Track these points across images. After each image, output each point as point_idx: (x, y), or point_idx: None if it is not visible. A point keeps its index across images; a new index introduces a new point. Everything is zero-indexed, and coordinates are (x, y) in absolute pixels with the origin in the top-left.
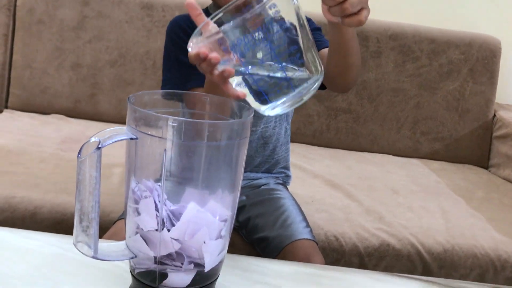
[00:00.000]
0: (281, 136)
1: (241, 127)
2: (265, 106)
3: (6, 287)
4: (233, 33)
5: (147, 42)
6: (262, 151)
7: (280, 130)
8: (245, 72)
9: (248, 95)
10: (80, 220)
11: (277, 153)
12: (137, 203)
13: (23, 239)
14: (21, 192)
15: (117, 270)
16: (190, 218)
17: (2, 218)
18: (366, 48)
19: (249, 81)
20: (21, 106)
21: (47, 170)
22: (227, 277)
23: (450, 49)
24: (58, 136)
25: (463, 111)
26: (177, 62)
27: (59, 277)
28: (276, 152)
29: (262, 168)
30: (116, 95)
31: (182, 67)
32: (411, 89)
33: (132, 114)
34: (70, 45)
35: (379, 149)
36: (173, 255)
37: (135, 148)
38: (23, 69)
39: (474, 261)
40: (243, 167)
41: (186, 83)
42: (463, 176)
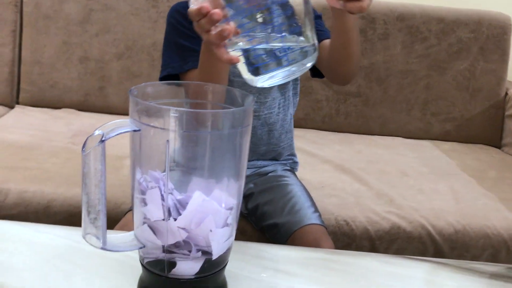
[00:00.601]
0: (286, 123)
1: (243, 115)
2: (257, 77)
3: (18, 280)
4: None
5: (153, 33)
6: (267, 138)
7: (285, 116)
8: (243, 38)
9: (241, 63)
10: (88, 213)
11: (282, 140)
12: (143, 193)
13: (34, 233)
14: (33, 187)
15: (128, 260)
16: (195, 207)
17: (16, 212)
18: (374, 30)
19: (244, 48)
20: (31, 101)
21: (59, 164)
22: (236, 264)
23: (459, 28)
24: (69, 130)
25: (474, 91)
26: (175, 46)
27: (70, 268)
28: (282, 140)
29: (268, 156)
30: (125, 87)
31: (180, 50)
32: (420, 70)
33: (135, 106)
34: (77, 39)
35: (390, 132)
36: (180, 243)
37: (139, 140)
38: (32, 64)
39: (486, 242)
40: (247, 155)
41: (184, 65)
42: (475, 156)
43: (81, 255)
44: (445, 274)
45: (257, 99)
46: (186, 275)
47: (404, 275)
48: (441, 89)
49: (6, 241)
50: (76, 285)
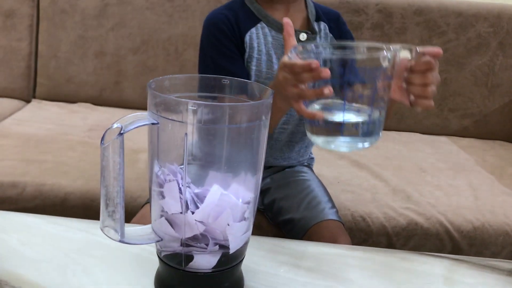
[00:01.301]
0: (309, 140)
1: (261, 108)
2: (321, 138)
3: (37, 271)
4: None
5: (168, 28)
6: (287, 150)
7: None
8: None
9: (325, 122)
10: (106, 206)
11: (301, 155)
12: (161, 186)
13: (52, 225)
14: (51, 180)
15: (145, 253)
16: (213, 201)
17: (33, 205)
18: (391, 24)
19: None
20: (48, 95)
21: (76, 158)
22: (253, 258)
23: (478, 22)
24: (85, 124)
25: (492, 86)
26: (213, 64)
27: (88, 261)
28: (301, 154)
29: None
30: (140, 82)
31: (218, 70)
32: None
33: (153, 100)
34: (93, 34)
35: (406, 127)
36: (198, 237)
37: (157, 133)
38: (48, 59)
39: (505, 239)
40: (265, 149)
41: None
42: (493, 152)
43: (99, 248)
44: (463, 271)
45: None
46: (203, 269)
47: (422, 272)
48: (459, 85)
49: (24, 233)
50: (94, 278)
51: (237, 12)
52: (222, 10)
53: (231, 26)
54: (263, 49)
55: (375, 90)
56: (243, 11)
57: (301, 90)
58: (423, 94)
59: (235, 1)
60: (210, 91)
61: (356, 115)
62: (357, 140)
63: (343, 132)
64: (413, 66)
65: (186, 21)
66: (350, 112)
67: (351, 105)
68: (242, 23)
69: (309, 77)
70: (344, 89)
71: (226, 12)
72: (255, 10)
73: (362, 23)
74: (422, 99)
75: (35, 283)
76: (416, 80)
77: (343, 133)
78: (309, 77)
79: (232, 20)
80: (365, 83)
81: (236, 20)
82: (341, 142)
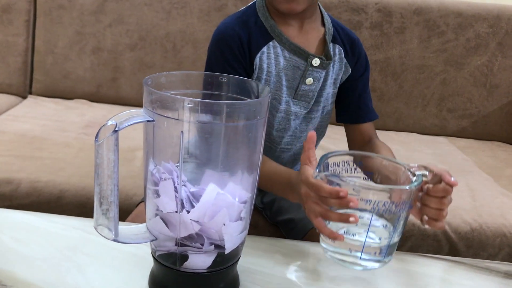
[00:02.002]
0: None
1: (259, 107)
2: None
3: (32, 269)
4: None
5: (166, 24)
6: (290, 166)
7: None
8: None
9: (345, 243)
10: (100, 204)
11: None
12: (156, 185)
13: (47, 223)
14: (46, 177)
15: (140, 252)
16: (209, 200)
17: (28, 202)
18: (390, 24)
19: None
20: (44, 91)
21: (71, 155)
22: (249, 258)
23: (478, 23)
24: (82, 121)
25: (491, 87)
26: None
27: (82, 259)
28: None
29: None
30: (137, 78)
31: None
32: (436, 65)
33: (149, 96)
34: (90, 30)
35: (405, 127)
36: (193, 236)
37: (152, 131)
38: (45, 54)
39: (503, 240)
40: (262, 148)
41: None
42: (491, 153)
43: (93, 247)
44: (461, 272)
45: (292, 132)
46: (198, 269)
47: (419, 273)
48: (457, 85)
49: (19, 231)
50: (88, 276)
51: (251, 29)
52: (234, 26)
53: (241, 46)
54: (273, 71)
55: (398, 219)
56: (256, 27)
57: (326, 211)
58: (437, 217)
59: (249, 14)
60: (207, 88)
61: (377, 238)
62: (373, 260)
63: (361, 254)
64: (430, 190)
65: (184, 18)
66: (372, 235)
67: (374, 228)
68: (254, 42)
69: (336, 203)
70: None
71: (238, 29)
72: (269, 27)
73: (361, 22)
74: (435, 221)
75: (28, 282)
76: (432, 204)
77: (361, 255)
78: (336, 203)
79: (244, 39)
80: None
81: (249, 39)
82: (357, 261)
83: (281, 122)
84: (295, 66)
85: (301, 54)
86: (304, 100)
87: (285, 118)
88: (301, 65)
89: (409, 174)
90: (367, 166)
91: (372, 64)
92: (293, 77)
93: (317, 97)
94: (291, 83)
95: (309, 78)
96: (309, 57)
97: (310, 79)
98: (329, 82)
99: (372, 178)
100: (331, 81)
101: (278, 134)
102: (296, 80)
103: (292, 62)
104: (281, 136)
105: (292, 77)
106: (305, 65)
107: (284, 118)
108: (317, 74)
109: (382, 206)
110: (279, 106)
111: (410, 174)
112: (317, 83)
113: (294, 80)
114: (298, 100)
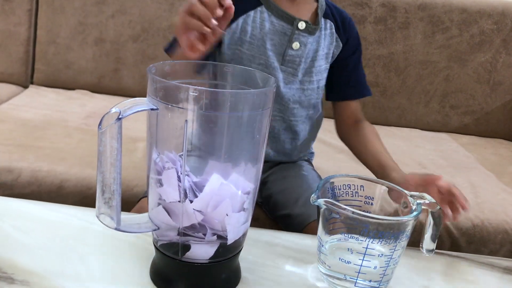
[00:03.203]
0: (313, 135)
1: (264, 97)
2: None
3: (32, 257)
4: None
5: (169, 16)
6: (289, 145)
7: (312, 129)
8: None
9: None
10: (102, 192)
11: (303, 151)
12: (159, 174)
13: (49, 212)
14: (47, 166)
15: (141, 242)
16: (213, 190)
17: (29, 191)
18: (394, 19)
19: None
20: (46, 81)
21: (72, 145)
22: (251, 250)
23: (482, 19)
24: (83, 112)
25: (495, 84)
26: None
27: (83, 249)
28: (303, 150)
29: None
30: (139, 70)
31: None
32: (440, 61)
33: (153, 85)
34: (93, 20)
35: (407, 123)
36: (195, 226)
37: (156, 120)
38: (47, 44)
39: (504, 237)
40: (266, 139)
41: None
42: (493, 150)
43: (95, 236)
44: (463, 268)
45: (284, 103)
46: (200, 259)
47: (422, 267)
48: (461, 81)
49: (20, 219)
50: (90, 266)
51: None
52: None
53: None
54: (257, 34)
55: (394, 249)
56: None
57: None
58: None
59: None
60: (211, 78)
61: (373, 266)
62: (368, 287)
63: (356, 280)
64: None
65: None
66: (367, 263)
67: (369, 256)
68: (241, 5)
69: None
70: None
71: None
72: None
73: (365, 17)
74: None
75: (29, 270)
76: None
77: (356, 281)
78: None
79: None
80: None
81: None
82: (352, 286)
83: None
84: (282, 32)
85: (288, 19)
86: (291, 66)
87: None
88: (287, 30)
89: (409, 202)
90: (368, 191)
91: (375, 59)
92: (280, 43)
93: (309, 67)
94: (278, 48)
95: (296, 42)
96: (295, 20)
97: (296, 43)
98: (320, 54)
99: (372, 203)
100: (322, 54)
101: None
102: (283, 45)
103: (279, 27)
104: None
105: (279, 43)
106: (291, 29)
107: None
108: (303, 38)
109: (379, 235)
110: (266, 71)
111: (410, 202)
112: (303, 49)
113: (281, 46)
114: (285, 66)
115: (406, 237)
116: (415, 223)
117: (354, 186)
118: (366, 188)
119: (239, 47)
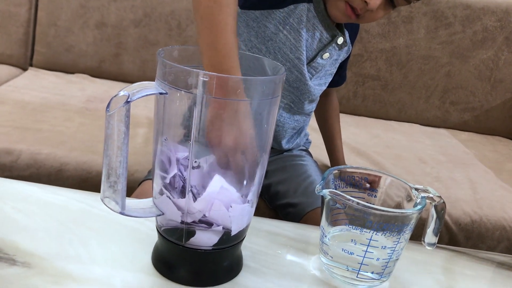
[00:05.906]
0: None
1: (274, 84)
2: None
3: (33, 239)
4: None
5: (172, 1)
6: (290, 137)
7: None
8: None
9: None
10: (108, 175)
11: (301, 139)
12: (164, 164)
13: (50, 195)
14: (46, 149)
15: (143, 227)
16: (213, 194)
17: (28, 173)
18: (398, 13)
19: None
20: (45, 64)
21: (72, 128)
22: (253, 238)
23: (486, 16)
24: (83, 96)
25: (495, 81)
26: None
27: (85, 232)
28: (301, 138)
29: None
30: (140, 55)
31: None
32: (442, 57)
33: (162, 69)
34: (94, 3)
35: (407, 118)
36: (200, 220)
37: (163, 104)
38: (48, 26)
39: (502, 233)
40: (274, 127)
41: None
42: (492, 147)
43: (96, 220)
44: (463, 262)
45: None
46: (203, 246)
47: (422, 261)
48: (462, 78)
49: (21, 201)
50: (91, 249)
51: None
52: None
53: None
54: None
55: (398, 241)
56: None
57: None
58: None
59: None
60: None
61: (375, 258)
62: (370, 278)
63: (359, 271)
64: None
65: None
66: (370, 255)
67: (372, 248)
68: None
69: None
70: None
71: None
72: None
73: None
74: None
75: (30, 251)
76: None
77: (358, 273)
78: None
79: None
80: (390, 233)
81: None
82: (353, 277)
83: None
84: (319, 38)
85: (330, 29)
86: (311, 71)
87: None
88: (325, 40)
89: (413, 195)
90: (372, 183)
91: (377, 53)
92: (312, 48)
93: (324, 74)
94: (309, 52)
95: (327, 53)
96: (337, 35)
97: (327, 54)
98: (335, 63)
99: (376, 196)
100: (337, 63)
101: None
102: (314, 51)
103: (318, 33)
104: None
105: (311, 47)
106: (329, 40)
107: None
108: (334, 51)
109: (382, 227)
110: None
111: (414, 196)
112: (329, 60)
113: (312, 51)
114: (309, 67)
115: (409, 230)
116: (419, 216)
117: (358, 178)
118: (370, 180)
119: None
